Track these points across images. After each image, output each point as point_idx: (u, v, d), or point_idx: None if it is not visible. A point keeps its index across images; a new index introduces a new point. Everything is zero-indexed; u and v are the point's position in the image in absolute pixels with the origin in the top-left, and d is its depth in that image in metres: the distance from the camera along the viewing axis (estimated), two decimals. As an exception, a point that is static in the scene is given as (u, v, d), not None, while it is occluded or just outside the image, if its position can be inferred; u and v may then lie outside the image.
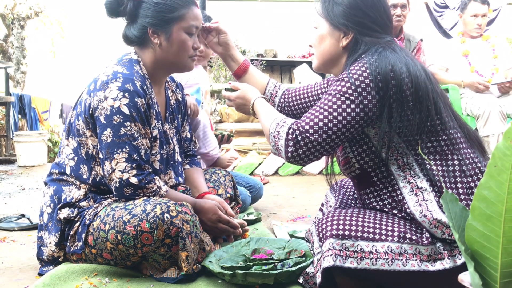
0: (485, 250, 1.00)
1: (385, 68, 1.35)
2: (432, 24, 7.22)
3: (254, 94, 1.66)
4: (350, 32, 1.48)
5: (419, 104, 1.36)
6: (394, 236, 1.30)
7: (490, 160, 0.94)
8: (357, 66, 1.38)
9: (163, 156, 1.84)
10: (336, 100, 1.36)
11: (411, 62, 1.40)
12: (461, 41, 3.98)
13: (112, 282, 1.60)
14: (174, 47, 1.76)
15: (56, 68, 11.37)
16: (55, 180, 1.79)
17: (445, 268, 1.26)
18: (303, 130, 1.36)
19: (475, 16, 3.84)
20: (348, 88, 1.35)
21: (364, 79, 1.35)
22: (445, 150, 1.37)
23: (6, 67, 7.08)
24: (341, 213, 1.37)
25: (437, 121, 1.38)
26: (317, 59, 1.58)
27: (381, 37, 1.47)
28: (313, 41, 1.57)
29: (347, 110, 1.35)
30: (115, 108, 1.64)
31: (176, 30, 1.75)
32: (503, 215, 0.94)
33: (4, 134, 6.77)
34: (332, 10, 1.49)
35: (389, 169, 1.41)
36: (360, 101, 1.34)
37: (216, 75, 6.32)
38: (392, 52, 1.41)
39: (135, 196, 1.67)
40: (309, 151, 1.36)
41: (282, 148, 1.39)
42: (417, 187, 1.35)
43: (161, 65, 1.81)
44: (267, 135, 1.49)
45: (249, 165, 4.73)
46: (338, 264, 1.27)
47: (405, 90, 1.35)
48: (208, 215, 1.86)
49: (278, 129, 1.42)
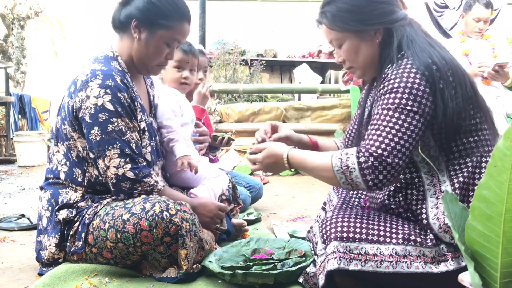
0: (485, 250, 1.00)
1: (428, 63, 1.34)
2: (432, 24, 7.21)
3: (283, 148, 1.50)
4: (377, 26, 1.44)
5: (459, 86, 1.35)
6: (399, 238, 1.30)
7: (490, 160, 0.94)
8: (405, 71, 1.34)
9: (153, 148, 1.84)
10: (399, 114, 1.30)
11: (435, 45, 1.41)
12: (461, 40, 3.98)
13: (112, 282, 1.60)
14: (148, 50, 1.74)
15: (57, 68, 11.36)
16: (51, 184, 1.78)
17: (449, 270, 1.26)
18: (377, 154, 1.28)
19: (478, 20, 3.85)
20: (407, 99, 1.31)
21: (418, 85, 1.31)
22: (474, 152, 1.36)
23: (6, 67, 7.08)
24: (345, 215, 1.37)
25: (473, 110, 1.36)
26: (361, 70, 1.52)
27: (400, 14, 1.45)
28: (345, 57, 1.50)
29: (413, 122, 1.30)
30: (99, 106, 1.62)
31: (158, 36, 1.73)
32: (503, 215, 0.95)
33: (4, 134, 6.77)
34: (349, 20, 1.44)
35: (418, 171, 1.40)
36: (422, 110, 1.31)
37: (216, 75, 6.32)
38: (416, 34, 1.41)
39: (133, 190, 1.67)
40: (389, 173, 1.29)
41: (359, 179, 1.30)
42: (441, 191, 1.35)
43: (134, 60, 1.79)
44: (330, 176, 1.35)
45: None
46: (343, 267, 1.27)
47: (448, 76, 1.34)
48: (208, 207, 1.88)
49: (345, 163, 1.32)
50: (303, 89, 5.83)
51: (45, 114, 7.89)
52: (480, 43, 3.95)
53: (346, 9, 1.44)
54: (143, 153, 1.76)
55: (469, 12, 3.89)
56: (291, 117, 5.04)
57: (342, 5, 1.44)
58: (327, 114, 5.02)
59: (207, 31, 5.57)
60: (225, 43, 6.82)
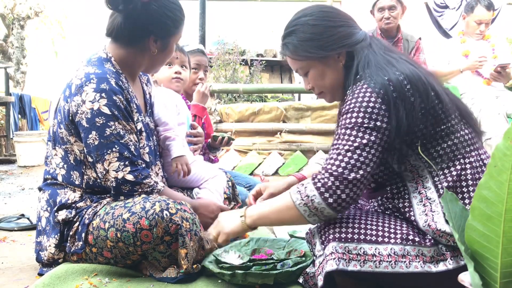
0: (485, 250, 1.00)
1: (382, 81, 1.34)
2: (432, 24, 7.22)
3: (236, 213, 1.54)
4: (339, 50, 1.46)
5: (419, 98, 1.34)
6: (397, 238, 1.31)
7: (490, 160, 0.94)
8: (360, 92, 1.36)
9: (151, 148, 1.84)
10: (357, 132, 1.32)
11: (394, 60, 1.41)
12: (462, 41, 3.99)
13: (112, 282, 1.60)
14: (165, 57, 1.83)
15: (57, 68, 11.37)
16: (50, 184, 1.78)
17: (448, 269, 1.27)
18: (337, 173, 1.29)
19: (479, 22, 3.84)
20: (363, 118, 1.32)
21: (374, 103, 1.33)
22: (456, 155, 1.36)
23: (6, 67, 7.09)
24: (343, 216, 1.37)
25: (442, 114, 1.37)
26: (329, 93, 1.54)
27: (359, 35, 1.47)
28: (313, 84, 1.53)
29: (371, 138, 1.31)
30: (95, 110, 1.62)
31: (172, 42, 1.80)
32: (503, 215, 0.95)
33: (4, 134, 6.77)
34: (310, 48, 1.45)
35: (403, 180, 1.41)
36: (379, 127, 1.32)
37: (216, 75, 6.32)
38: (374, 55, 1.43)
39: (133, 192, 1.67)
40: (351, 191, 1.29)
41: (322, 205, 1.29)
42: (427, 197, 1.35)
43: (140, 66, 1.81)
44: (295, 214, 1.35)
45: (249, 165, 4.73)
46: (341, 267, 1.27)
47: (405, 91, 1.34)
48: (210, 208, 1.88)
49: (304, 193, 1.32)
50: (303, 89, 5.81)
51: (45, 114, 7.89)
52: (480, 44, 3.96)
53: (306, 37, 1.46)
54: (142, 154, 1.76)
55: (470, 14, 3.89)
56: (291, 117, 5.04)
57: (302, 35, 1.46)
58: (327, 114, 5.02)
59: (207, 31, 5.56)
60: (225, 43, 6.82)
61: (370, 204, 1.52)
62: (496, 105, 3.59)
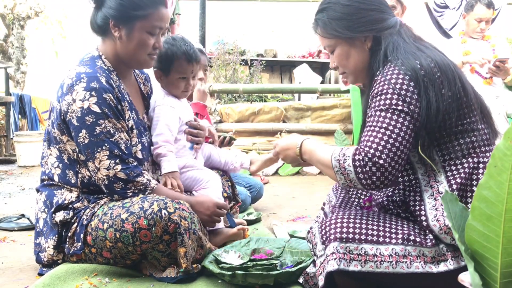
0: (485, 250, 1.00)
1: (412, 65, 1.35)
2: (432, 24, 7.21)
3: (297, 138, 1.55)
4: (366, 33, 1.47)
5: (448, 86, 1.35)
6: (398, 238, 1.30)
7: (490, 160, 0.94)
8: (393, 74, 1.36)
9: (145, 144, 1.84)
10: (391, 115, 1.32)
11: (424, 47, 1.43)
12: (462, 41, 3.99)
13: (112, 282, 1.60)
14: (133, 44, 1.73)
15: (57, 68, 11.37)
16: (46, 185, 1.79)
17: (449, 269, 1.27)
18: (371, 155, 1.29)
19: (480, 20, 3.84)
20: (397, 99, 1.32)
21: (407, 85, 1.33)
22: (470, 153, 1.36)
23: (6, 67, 7.08)
24: (345, 216, 1.37)
25: (465, 109, 1.37)
26: (352, 75, 1.55)
27: (390, 21, 1.47)
28: (337, 63, 1.54)
29: (405, 123, 1.31)
30: (85, 109, 1.63)
31: (138, 28, 1.72)
32: (503, 215, 0.94)
33: (4, 134, 6.77)
34: (338, 27, 1.47)
35: (415, 173, 1.41)
36: (412, 110, 1.32)
37: (216, 75, 6.32)
38: (403, 41, 1.44)
39: (126, 190, 1.66)
40: (383, 176, 1.29)
41: (356, 181, 1.32)
42: (438, 191, 1.35)
43: (121, 58, 1.78)
44: (333, 175, 1.38)
45: (249, 165, 4.72)
46: (343, 267, 1.27)
47: (436, 77, 1.35)
48: (205, 204, 1.87)
49: (343, 164, 1.33)
50: (303, 89, 5.83)
51: (45, 114, 7.88)
52: (480, 44, 3.96)
53: (336, 16, 1.47)
54: (134, 151, 1.76)
55: (470, 12, 3.89)
56: (291, 117, 5.04)
57: (333, 13, 1.48)
58: (327, 114, 5.02)
59: (207, 31, 5.56)
60: (225, 43, 6.82)
61: (379, 194, 1.51)
62: (496, 105, 3.59)
